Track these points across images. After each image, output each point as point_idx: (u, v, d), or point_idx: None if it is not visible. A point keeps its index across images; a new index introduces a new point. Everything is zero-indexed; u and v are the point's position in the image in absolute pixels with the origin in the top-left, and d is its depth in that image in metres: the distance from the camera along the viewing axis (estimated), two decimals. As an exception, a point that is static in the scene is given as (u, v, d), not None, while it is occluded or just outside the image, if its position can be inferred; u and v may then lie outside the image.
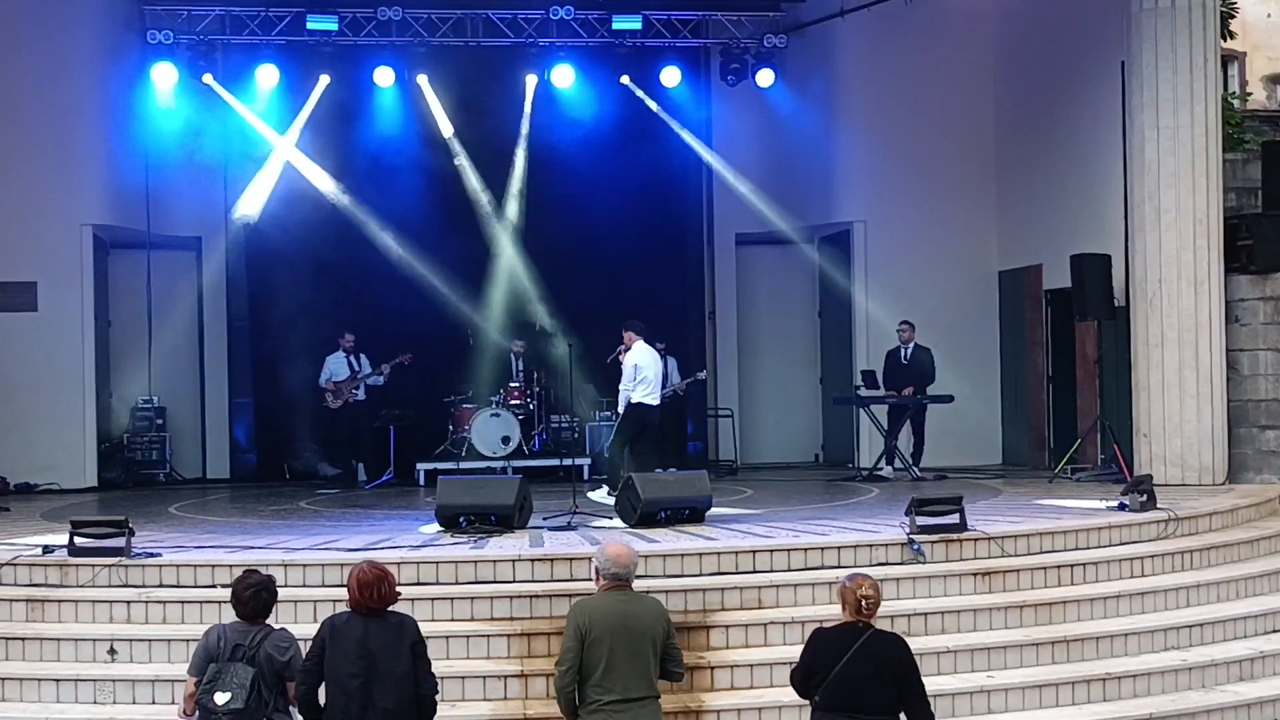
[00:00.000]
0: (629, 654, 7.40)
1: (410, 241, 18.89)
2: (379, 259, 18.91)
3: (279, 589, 7.88)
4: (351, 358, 18.32)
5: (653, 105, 19.65)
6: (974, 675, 10.05)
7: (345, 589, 7.58)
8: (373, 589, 7.42)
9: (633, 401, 14.39)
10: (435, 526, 12.28)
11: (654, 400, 14.52)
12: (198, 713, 7.45)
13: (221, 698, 7.33)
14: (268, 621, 7.65)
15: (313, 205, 18.80)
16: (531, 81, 19.35)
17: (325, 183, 18.89)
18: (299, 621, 9.87)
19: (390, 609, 7.52)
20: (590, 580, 10.17)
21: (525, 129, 19.52)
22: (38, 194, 17.61)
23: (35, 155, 17.60)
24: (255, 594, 7.61)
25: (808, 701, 7.39)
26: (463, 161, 19.46)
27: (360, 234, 18.91)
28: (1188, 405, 15.17)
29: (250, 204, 18.65)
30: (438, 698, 7.62)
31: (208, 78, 18.39)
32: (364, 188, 18.92)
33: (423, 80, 19.03)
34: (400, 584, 10.14)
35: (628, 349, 14.70)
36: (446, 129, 19.32)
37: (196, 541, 11.85)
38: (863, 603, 7.33)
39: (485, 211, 19.51)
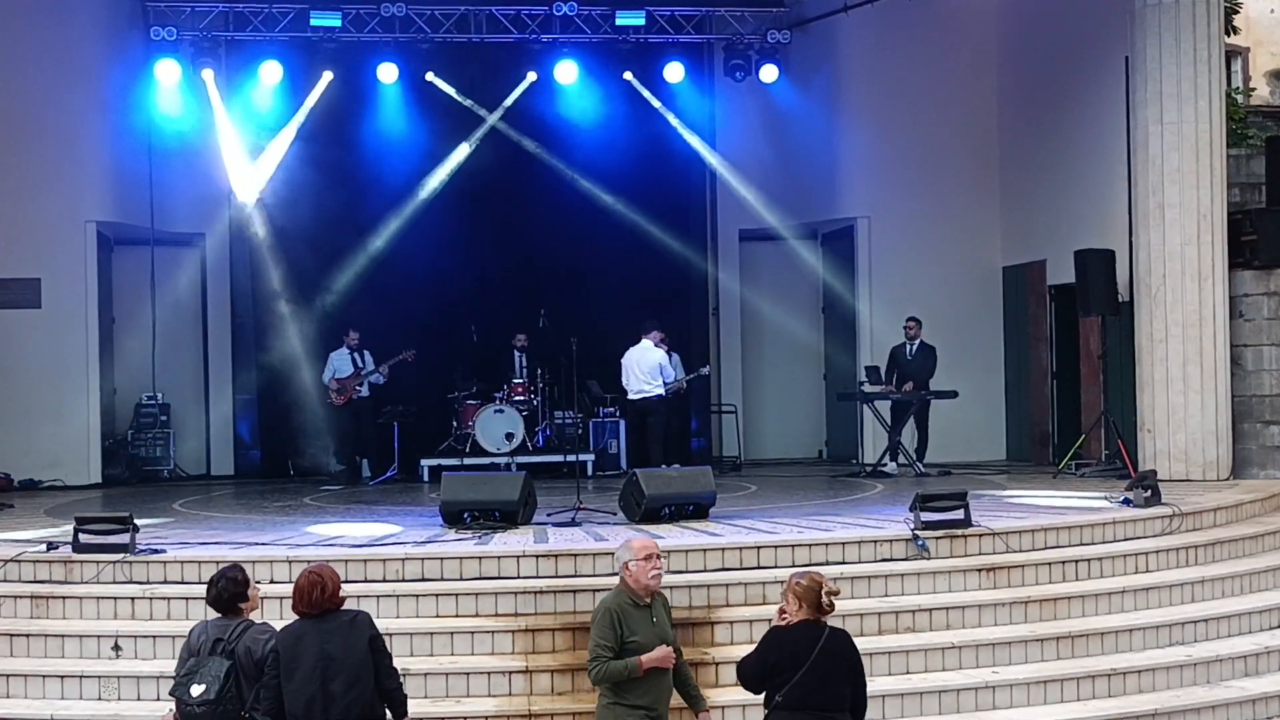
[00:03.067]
0: None
1: (413, 238, 18.91)
2: (382, 255, 18.93)
3: (281, 585, 7.86)
4: (356, 354, 18.33)
5: (655, 103, 19.63)
6: (979, 671, 10.04)
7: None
8: (305, 594, 7.38)
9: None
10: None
11: (633, 395, 16.56)
12: (175, 707, 7.46)
13: (196, 690, 7.34)
14: (250, 616, 7.63)
15: (316, 201, 18.79)
16: (534, 78, 19.33)
17: (329, 179, 18.87)
18: (303, 617, 9.88)
19: (342, 608, 7.44)
20: (601, 575, 10.32)
21: (528, 125, 19.51)
22: (41, 190, 17.63)
23: (39, 152, 17.61)
24: (211, 584, 7.65)
25: (756, 697, 7.39)
26: (466, 157, 19.45)
27: (363, 230, 18.94)
28: (1192, 401, 15.17)
29: (247, 192, 18.73)
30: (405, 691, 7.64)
31: (207, 73, 18.35)
32: (367, 184, 18.91)
33: (430, 76, 19.03)
34: (404, 580, 10.29)
35: None
36: (453, 124, 19.31)
37: (200, 538, 11.85)
38: (827, 600, 7.31)
39: (488, 207, 19.49)
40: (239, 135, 18.75)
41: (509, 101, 19.40)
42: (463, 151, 19.42)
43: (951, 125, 19.48)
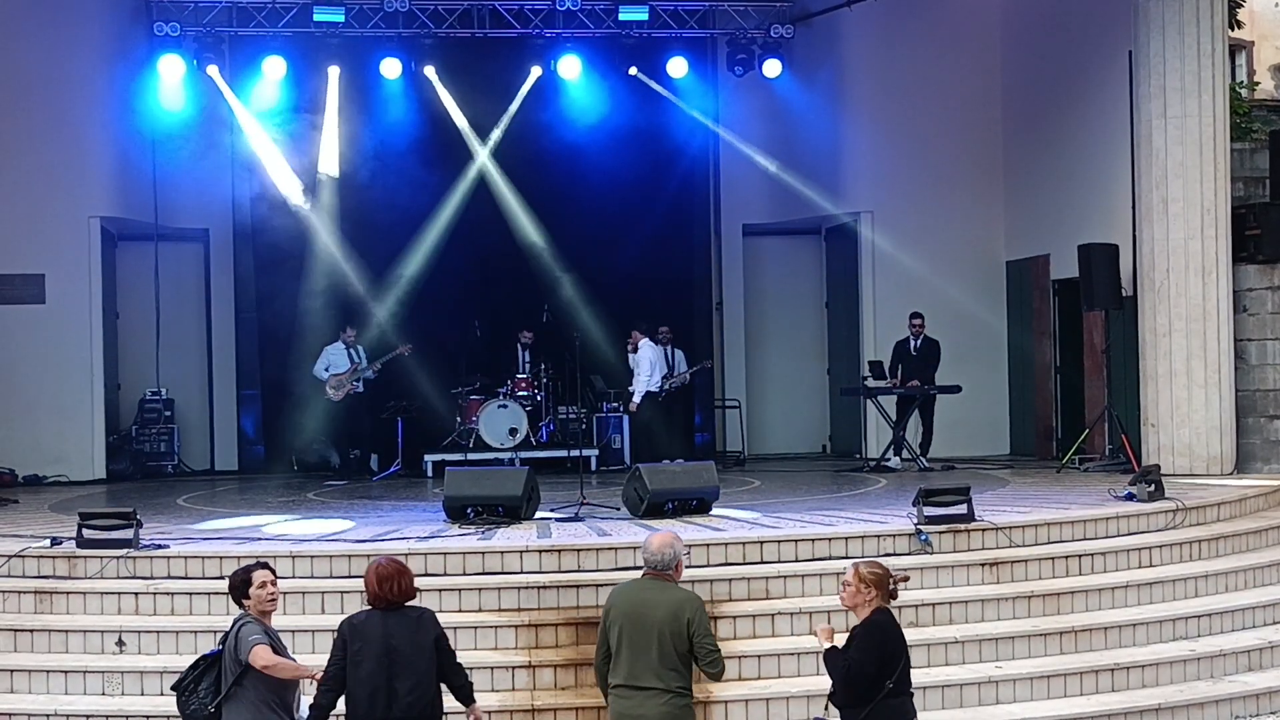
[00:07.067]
0: (634, 642, 7.39)
1: (416, 232, 18.91)
2: (386, 250, 18.94)
3: (283, 579, 7.86)
4: (352, 350, 18.28)
5: (662, 92, 19.63)
6: (982, 665, 10.05)
7: (364, 584, 7.51)
8: (393, 583, 7.39)
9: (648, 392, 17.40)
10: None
11: (654, 388, 17.69)
12: None
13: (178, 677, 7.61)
14: (249, 610, 7.62)
15: (320, 197, 18.84)
16: (538, 73, 19.33)
17: (332, 174, 18.91)
18: (306, 613, 9.91)
19: (409, 603, 7.48)
20: (604, 570, 10.33)
21: (531, 121, 19.50)
22: (45, 186, 17.64)
23: (42, 147, 17.61)
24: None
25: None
26: (470, 153, 19.45)
27: (367, 225, 18.96)
28: (1195, 395, 15.16)
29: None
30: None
31: (212, 70, 18.37)
32: (371, 179, 18.90)
33: (430, 71, 19.05)
34: (408, 575, 10.28)
35: (635, 347, 17.31)
36: (456, 120, 19.34)
37: (204, 533, 11.86)
38: (897, 588, 7.43)
39: (491, 203, 19.49)
40: (246, 129, 18.75)
41: (515, 106, 19.38)
42: (466, 147, 19.43)
43: (955, 120, 19.47)
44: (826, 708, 7.40)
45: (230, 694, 7.39)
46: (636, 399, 17.74)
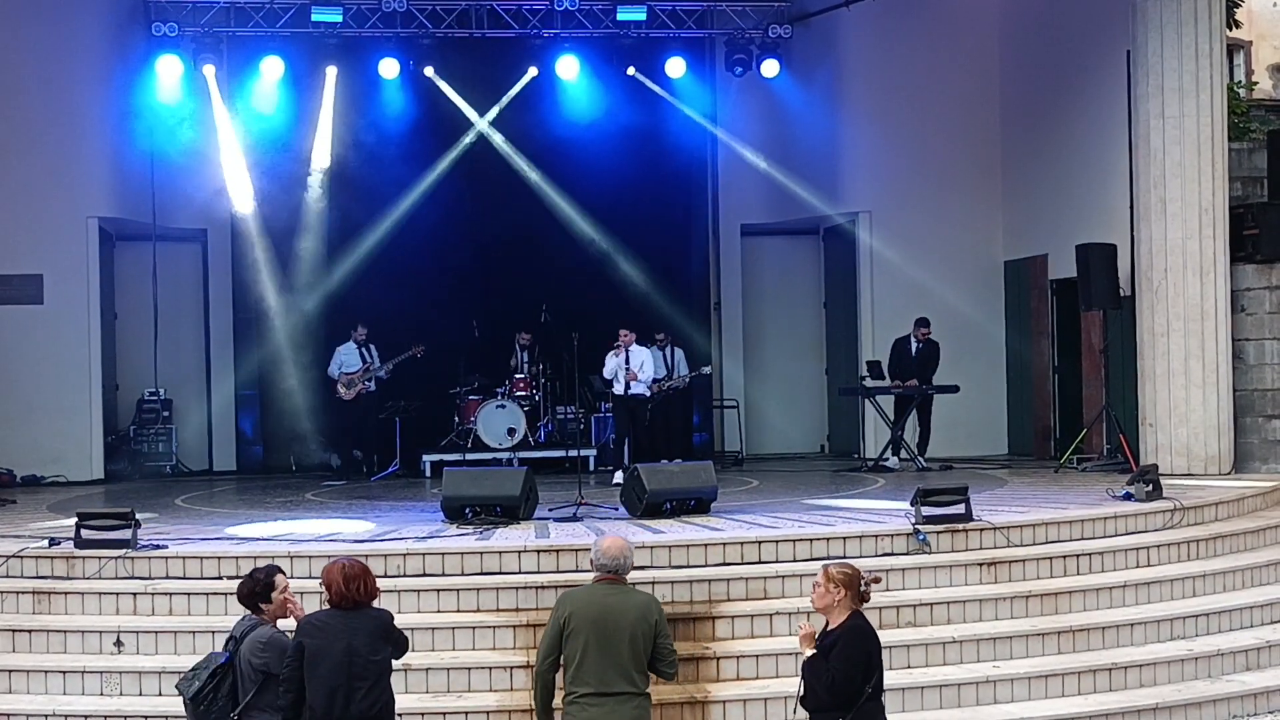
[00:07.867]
0: (602, 647, 7.31)
1: (415, 233, 18.92)
2: (384, 250, 18.93)
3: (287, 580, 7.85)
4: (363, 349, 18.26)
5: (660, 92, 19.63)
6: (980, 665, 10.05)
7: (325, 583, 7.41)
8: (359, 583, 7.34)
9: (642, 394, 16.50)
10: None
11: (648, 391, 16.75)
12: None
13: (193, 687, 7.46)
14: (265, 615, 7.61)
15: (318, 196, 18.83)
16: (534, 73, 19.33)
17: (331, 174, 18.91)
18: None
19: (370, 604, 7.44)
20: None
21: (529, 121, 19.51)
22: (43, 186, 17.63)
23: (40, 148, 17.60)
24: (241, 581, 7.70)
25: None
26: (468, 152, 19.46)
27: (365, 225, 18.96)
28: (1193, 395, 15.16)
29: (243, 200, 18.73)
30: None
31: (207, 69, 18.35)
32: (369, 178, 18.90)
33: (429, 71, 19.06)
34: (406, 575, 10.33)
35: (625, 347, 16.37)
36: (468, 115, 19.37)
37: (202, 533, 11.86)
38: (869, 589, 7.35)
39: (491, 203, 19.49)
40: (240, 131, 18.72)
41: (507, 99, 19.42)
42: (465, 147, 19.45)
43: (953, 120, 19.47)
44: (795, 710, 7.35)
45: (250, 703, 7.38)
46: (646, 391, 16.72)
